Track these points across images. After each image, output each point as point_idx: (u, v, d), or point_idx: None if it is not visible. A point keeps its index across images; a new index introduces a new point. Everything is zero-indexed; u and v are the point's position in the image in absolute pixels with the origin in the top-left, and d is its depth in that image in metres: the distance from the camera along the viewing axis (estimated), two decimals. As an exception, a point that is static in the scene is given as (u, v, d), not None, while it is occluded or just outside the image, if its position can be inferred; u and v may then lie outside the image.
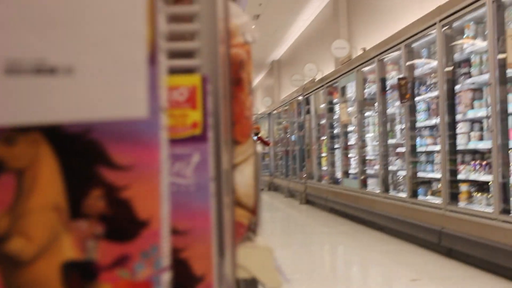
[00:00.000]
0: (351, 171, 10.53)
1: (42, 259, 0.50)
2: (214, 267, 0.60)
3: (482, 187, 6.12)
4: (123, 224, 0.50)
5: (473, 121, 6.25)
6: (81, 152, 0.50)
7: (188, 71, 0.69)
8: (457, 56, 6.28)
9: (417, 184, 7.33)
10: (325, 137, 12.24)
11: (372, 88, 9.12)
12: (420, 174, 7.33)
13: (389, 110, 8.46)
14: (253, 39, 0.82)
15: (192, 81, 0.63)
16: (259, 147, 0.85)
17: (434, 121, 6.85)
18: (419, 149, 7.41)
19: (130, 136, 0.51)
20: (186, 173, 0.61)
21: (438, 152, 6.68)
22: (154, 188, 0.51)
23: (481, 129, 6.12)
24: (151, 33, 0.51)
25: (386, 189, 8.31)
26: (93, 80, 0.49)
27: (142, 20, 0.50)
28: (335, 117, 11.67)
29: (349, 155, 10.69)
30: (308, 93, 13.41)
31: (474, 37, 5.99)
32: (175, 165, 0.61)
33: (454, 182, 6.24)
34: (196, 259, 0.60)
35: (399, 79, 7.25)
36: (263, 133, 19.30)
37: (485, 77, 5.63)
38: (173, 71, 0.66)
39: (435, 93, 6.72)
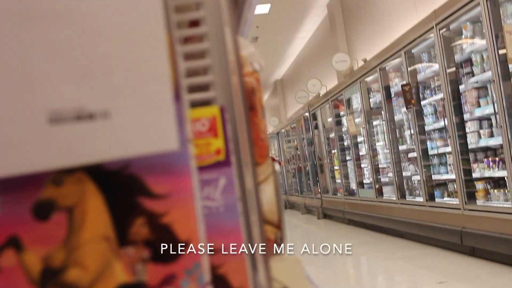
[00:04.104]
0: (366, 181, 10.54)
1: (97, 285, 0.56)
2: (249, 280, 0.66)
3: (498, 183, 6.14)
4: (167, 246, 0.56)
5: (481, 119, 6.28)
6: (122, 186, 0.56)
7: (206, 102, 0.75)
8: (458, 57, 6.33)
9: (433, 187, 7.34)
10: (336, 150, 12.28)
11: (377, 97, 9.17)
12: (435, 177, 7.35)
13: (397, 117, 8.49)
14: (261, 67, 0.88)
15: (212, 112, 0.69)
16: (277, 166, 0.91)
17: (442, 123, 6.88)
18: (431, 152, 7.43)
19: (164, 167, 0.57)
20: (215, 196, 0.67)
21: (450, 153, 6.71)
22: (190, 212, 0.57)
23: (491, 125, 6.15)
24: (173, 73, 0.57)
25: (402, 195, 8.32)
26: (128, 120, 0.55)
27: (166, 63, 0.56)
28: (344, 129, 11.72)
29: (362, 166, 10.71)
30: (314, 109, 13.48)
31: (472, 36, 6.05)
32: (205, 190, 0.67)
33: (469, 181, 6.26)
34: (232, 273, 0.66)
35: (403, 85, 7.30)
36: (273, 153, 19.39)
37: (488, 74, 5.68)
38: (192, 104, 0.73)
39: (440, 96, 6.77)
